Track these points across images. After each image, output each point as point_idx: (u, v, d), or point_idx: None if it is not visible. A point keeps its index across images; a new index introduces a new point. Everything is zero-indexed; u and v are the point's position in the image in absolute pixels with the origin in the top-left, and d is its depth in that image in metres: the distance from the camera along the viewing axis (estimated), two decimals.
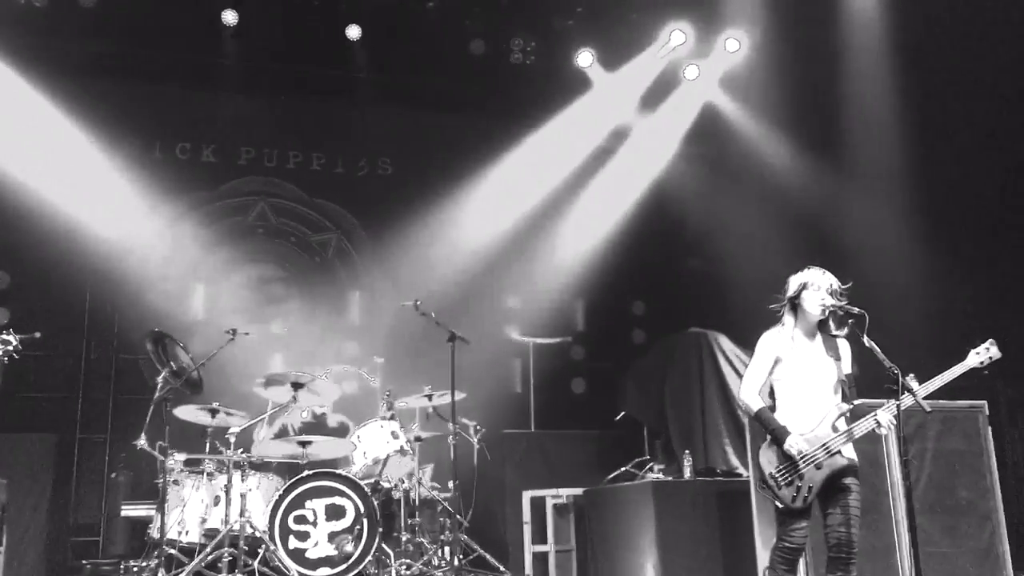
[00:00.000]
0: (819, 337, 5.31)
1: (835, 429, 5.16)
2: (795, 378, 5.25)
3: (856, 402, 5.29)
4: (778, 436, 5.13)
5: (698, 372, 8.63)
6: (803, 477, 5.09)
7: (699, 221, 10.68)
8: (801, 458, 5.08)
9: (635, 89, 10.47)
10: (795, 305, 5.30)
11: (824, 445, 5.11)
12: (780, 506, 5.15)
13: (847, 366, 5.31)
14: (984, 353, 5.17)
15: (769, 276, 5.51)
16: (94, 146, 9.15)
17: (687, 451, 8.19)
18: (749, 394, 5.31)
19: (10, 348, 5.58)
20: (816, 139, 9.82)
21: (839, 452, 5.13)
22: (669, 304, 10.93)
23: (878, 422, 5.08)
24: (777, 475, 5.14)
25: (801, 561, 6.26)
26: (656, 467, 8.31)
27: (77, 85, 9.13)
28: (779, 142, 10.07)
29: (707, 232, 10.68)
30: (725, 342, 8.72)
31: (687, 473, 8.03)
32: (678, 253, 11.02)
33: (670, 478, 8.09)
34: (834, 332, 5.30)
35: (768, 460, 5.19)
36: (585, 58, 10.19)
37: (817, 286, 5.21)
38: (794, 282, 5.31)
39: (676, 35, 9.99)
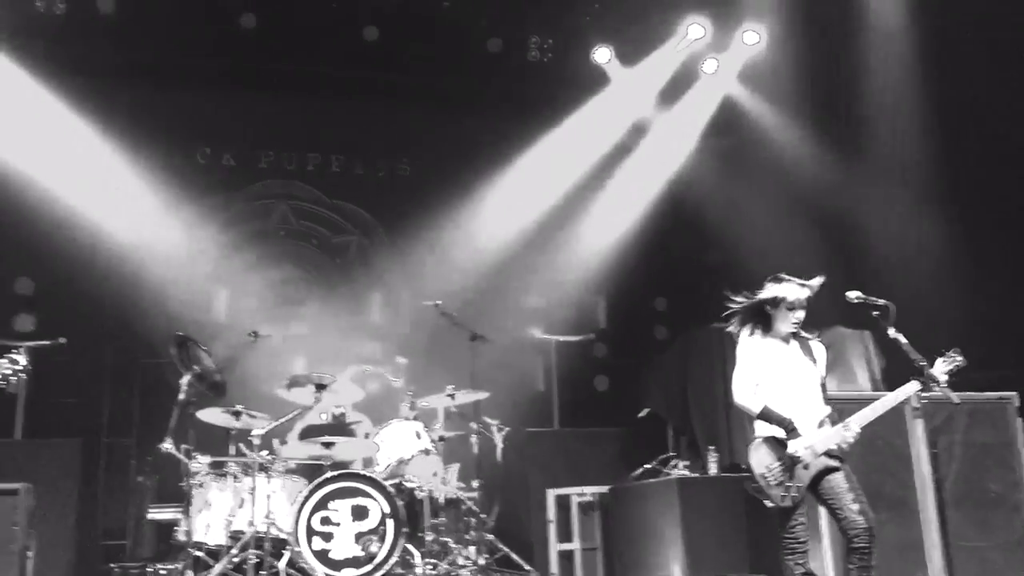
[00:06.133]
0: (793, 341, 5.32)
1: (819, 428, 5.17)
2: (777, 381, 5.25)
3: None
4: (788, 427, 5.14)
5: (721, 368, 8.57)
6: (792, 477, 5.12)
7: (720, 216, 10.59)
8: (794, 460, 5.09)
9: (654, 84, 10.39)
10: (764, 313, 5.29)
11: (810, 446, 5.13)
12: (770, 505, 5.17)
13: (823, 369, 5.32)
14: (951, 361, 5.19)
15: (790, 271, 5.45)
16: (115, 152, 9.21)
17: (712, 447, 8.15)
18: (744, 396, 5.28)
19: (18, 367, 5.12)
20: (836, 132, 9.73)
21: (824, 452, 5.14)
22: (691, 300, 10.87)
23: (847, 427, 5.10)
24: (768, 475, 5.15)
25: (828, 553, 6.28)
26: (681, 463, 8.28)
27: (97, 92, 9.16)
28: (799, 135, 9.99)
29: (728, 227, 10.60)
30: None
31: (712, 469, 7.99)
32: (699, 248, 10.95)
33: (695, 474, 8.06)
34: (805, 335, 5.32)
35: (758, 460, 5.21)
36: (603, 54, 10.14)
37: (791, 304, 5.22)
38: (768, 291, 5.29)
39: (694, 29, 9.91)
